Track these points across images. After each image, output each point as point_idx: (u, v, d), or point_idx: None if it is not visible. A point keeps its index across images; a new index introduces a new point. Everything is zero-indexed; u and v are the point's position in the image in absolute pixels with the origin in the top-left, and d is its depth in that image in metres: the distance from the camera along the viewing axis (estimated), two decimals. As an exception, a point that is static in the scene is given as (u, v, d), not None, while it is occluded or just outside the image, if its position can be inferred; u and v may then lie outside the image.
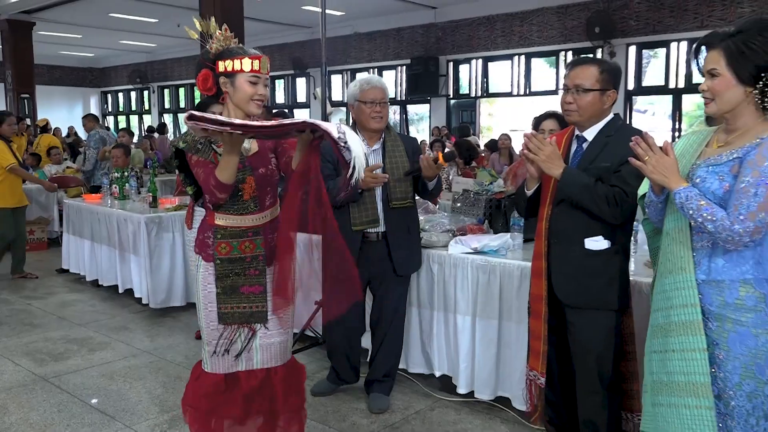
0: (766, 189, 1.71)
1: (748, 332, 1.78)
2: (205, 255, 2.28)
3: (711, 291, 1.83)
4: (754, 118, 1.82)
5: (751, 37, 1.76)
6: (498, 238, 3.30)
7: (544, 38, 11.33)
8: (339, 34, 13.52)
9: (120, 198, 5.72)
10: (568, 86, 2.39)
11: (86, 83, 21.63)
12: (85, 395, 3.49)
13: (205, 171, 2.16)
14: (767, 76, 1.75)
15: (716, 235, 1.77)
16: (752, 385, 1.79)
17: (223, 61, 2.20)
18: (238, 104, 2.21)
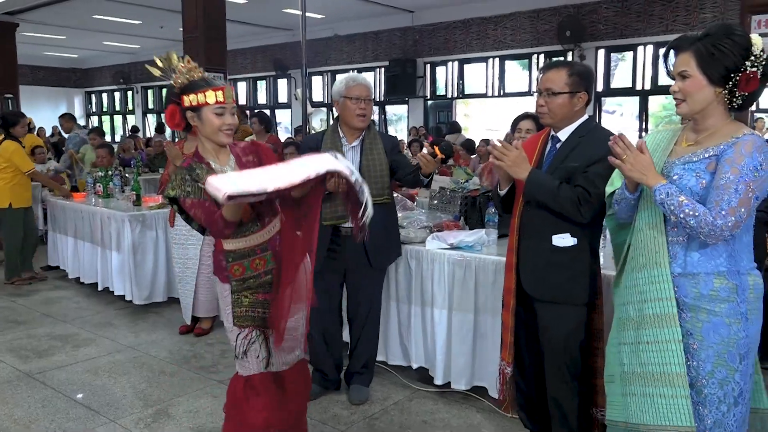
0: (745, 186, 1.79)
1: (721, 322, 1.87)
2: (222, 277, 2.36)
3: (686, 283, 1.91)
4: (723, 119, 1.91)
5: (720, 40, 1.84)
6: (473, 234, 3.40)
7: (518, 41, 11.58)
8: (319, 36, 13.63)
9: (104, 196, 5.76)
10: (541, 90, 2.47)
11: (70, 84, 21.50)
12: (69, 391, 3.54)
13: (204, 211, 2.19)
14: (735, 76, 1.84)
15: (698, 230, 1.82)
16: (724, 373, 1.87)
17: (187, 95, 2.22)
18: (208, 136, 2.26)
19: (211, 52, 7.85)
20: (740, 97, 1.87)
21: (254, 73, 16.25)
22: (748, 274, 1.90)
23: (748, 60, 1.83)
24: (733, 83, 1.84)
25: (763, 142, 1.83)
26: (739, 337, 1.87)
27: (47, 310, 5.09)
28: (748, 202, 1.80)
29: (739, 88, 1.85)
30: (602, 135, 2.42)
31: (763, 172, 1.81)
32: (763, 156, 1.82)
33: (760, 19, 4.49)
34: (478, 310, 3.25)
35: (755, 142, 1.83)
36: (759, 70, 1.83)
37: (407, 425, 3.12)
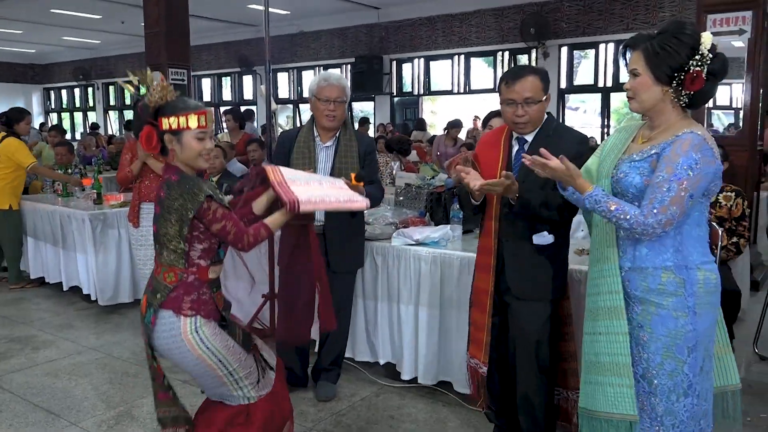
0: (677, 184, 1.82)
1: (669, 315, 1.91)
2: (206, 312, 2.14)
3: (636, 277, 1.96)
4: (675, 115, 1.93)
5: (666, 39, 1.86)
6: (439, 230, 3.42)
7: (483, 39, 11.72)
8: (285, 32, 13.55)
9: (63, 195, 5.63)
10: (516, 100, 2.41)
11: (28, 80, 20.92)
12: (29, 394, 3.46)
13: (231, 222, 2.10)
14: (679, 76, 1.87)
15: (632, 231, 1.89)
16: (672, 365, 1.92)
17: (166, 117, 2.08)
18: (187, 161, 2.13)
19: (173, 47, 7.71)
20: (686, 95, 1.89)
21: (219, 70, 16.06)
22: (697, 268, 1.92)
23: (694, 59, 1.84)
24: (678, 82, 1.87)
25: (701, 141, 1.84)
26: (687, 330, 1.90)
27: (5, 312, 4.96)
28: (680, 200, 1.82)
29: (684, 87, 1.87)
30: (567, 132, 2.47)
31: (697, 170, 1.83)
32: (700, 154, 1.83)
33: (715, 18, 4.60)
34: (444, 306, 3.28)
35: (692, 141, 1.84)
36: (704, 69, 1.84)
37: (374, 420, 3.13)
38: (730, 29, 4.66)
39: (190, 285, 2.13)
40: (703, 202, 1.94)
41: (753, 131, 4.77)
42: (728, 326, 3.85)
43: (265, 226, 2.18)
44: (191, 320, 2.11)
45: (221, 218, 2.08)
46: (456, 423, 3.11)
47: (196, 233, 2.12)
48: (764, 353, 3.92)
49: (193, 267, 2.14)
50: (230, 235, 2.10)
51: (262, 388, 2.29)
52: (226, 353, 2.16)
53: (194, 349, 2.11)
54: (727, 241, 3.98)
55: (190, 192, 2.06)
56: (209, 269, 2.17)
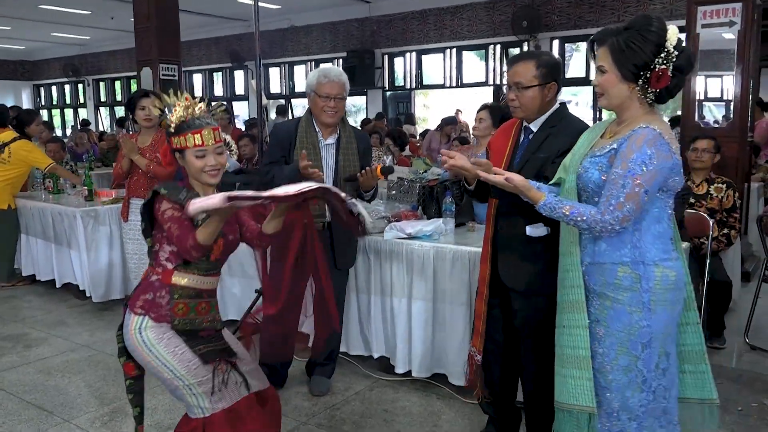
0: (631, 180, 1.80)
1: (624, 310, 1.91)
2: (156, 315, 2.12)
3: (595, 272, 1.97)
4: (641, 111, 1.90)
5: (632, 36, 1.83)
6: (431, 223, 3.43)
7: (474, 32, 11.69)
8: (275, 27, 13.48)
9: (54, 192, 5.60)
10: (509, 84, 2.45)
11: (17, 76, 20.73)
12: (21, 392, 3.45)
13: (180, 227, 2.07)
14: (645, 74, 1.83)
15: (591, 230, 1.90)
16: (627, 360, 1.93)
17: (175, 137, 2.18)
18: (193, 177, 2.20)
19: (164, 43, 7.66)
20: (653, 93, 1.87)
21: (210, 65, 15.97)
22: (654, 265, 1.90)
23: (659, 57, 1.81)
24: (643, 80, 1.84)
25: (655, 135, 1.82)
26: (641, 326, 1.90)
27: (-4, 310, 4.94)
28: (635, 196, 1.81)
29: (650, 85, 1.85)
30: (572, 125, 2.42)
31: (651, 166, 1.81)
32: (654, 149, 1.81)
33: (705, 9, 4.61)
34: (437, 299, 3.28)
35: (646, 136, 1.82)
36: (669, 66, 1.82)
37: (369, 414, 3.14)
38: (720, 21, 4.67)
39: (150, 284, 2.15)
40: (662, 198, 1.92)
41: (743, 123, 4.79)
42: (719, 316, 3.94)
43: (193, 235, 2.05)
44: (138, 319, 2.12)
45: (168, 219, 2.07)
46: (450, 415, 3.13)
47: (161, 234, 2.14)
48: (755, 343, 3.95)
49: (158, 267, 2.16)
50: (173, 237, 2.07)
51: (218, 400, 2.18)
52: (171, 359, 2.12)
53: (140, 349, 2.12)
54: (718, 233, 4.00)
55: (156, 187, 2.13)
56: (174, 273, 2.14)
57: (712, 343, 3.94)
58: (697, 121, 5.07)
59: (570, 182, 2.04)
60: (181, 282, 2.15)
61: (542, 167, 2.37)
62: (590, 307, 2.00)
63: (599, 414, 1.99)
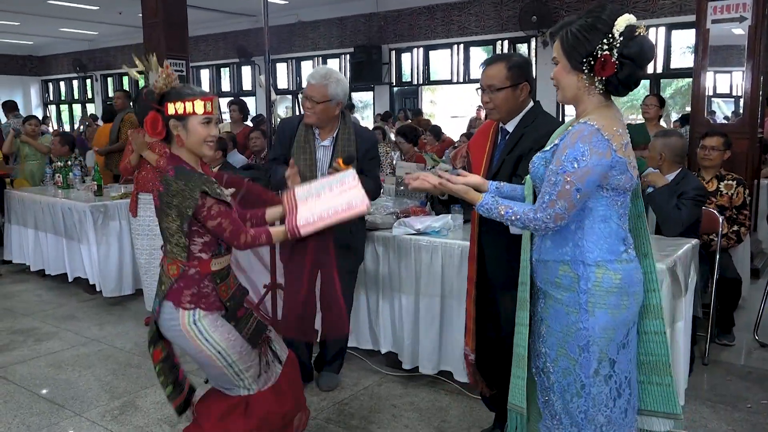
0: (563, 178, 1.75)
1: (562, 309, 1.86)
2: (207, 305, 2.15)
3: (541, 269, 1.93)
4: (595, 104, 1.83)
5: (582, 25, 1.77)
6: (439, 219, 3.43)
7: (482, 27, 11.65)
8: (283, 22, 13.48)
9: (64, 187, 5.63)
10: (483, 87, 2.47)
11: (26, 72, 20.82)
12: (32, 385, 3.48)
13: (227, 219, 2.09)
14: (588, 62, 1.76)
15: (526, 228, 1.88)
16: (565, 362, 1.87)
17: (172, 102, 2.09)
18: (192, 148, 2.14)
19: (171, 38, 7.67)
20: (599, 81, 1.79)
21: (217, 60, 15.99)
22: (596, 265, 1.81)
23: (602, 43, 1.74)
24: (588, 68, 1.77)
25: (591, 131, 1.74)
26: (578, 327, 1.83)
27: (7, 304, 4.98)
28: (567, 194, 1.75)
29: (596, 73, 1.77)
30: (545, 122, 2.44)
31: (584, 162, 1.73)
32: (588, 146, 1.73)
33: (715, 5, 4.58)
34: (445, 295, 3.29)
35: (581, 132, 1.75)
36: (613, 53, 1.73)
37: (377, 409, 3.15)
38: (731, 16, 4.64)
39: (191, 278, 2.14)
40: (608, 197, 1.82)
41: (753, 119, 4.76)
42: (729, 313, 3.93)
43: (268, 234, 2.19)
44: (190, 313, 2.13)
45: (216, 215, 2.08)
46: (457, 411, 3.13)
47: (195, 228, 2.12)
48: (764, 340, 3.94)
49: (194, 260, 2.15)
50: (226, 232, 2.10)
51: (264, 381, 2.30)
52: (225, 346, 2.17)
53: (194, 340, 2.15)
54: (728, 230, 3.99)
55: (186, 189, 2.06)
56: (211, 261, 2.16)
57: (722, 340, 3.93)
58: (707, 117, 5.04)
59: (528, 180, 2.02)
60: (217, 268, 2.19)
61: (516, 166, 2.41)
62: (537, 305, 1.97)
63: (544, 415, 1.98)
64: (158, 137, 2.16)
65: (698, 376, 3.48)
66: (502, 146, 2.51)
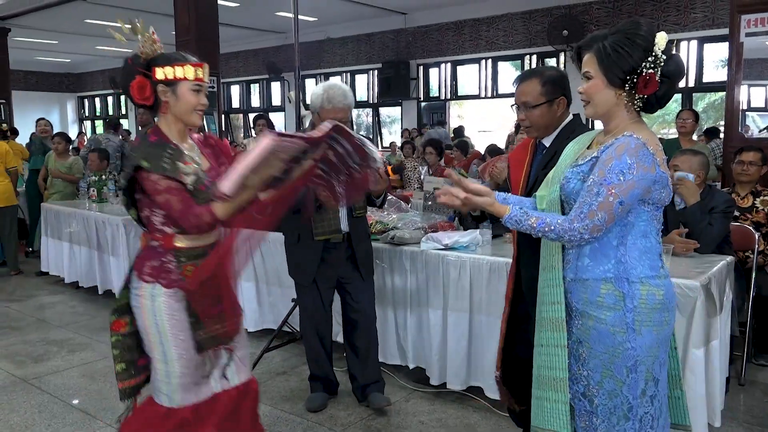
0: (606, 189, 1.71)
1: (606, 330, 1.79)
2: (167, 281, 2.04)
3: (578, 288, 1.86)
4: (627, 120, 1.81)
5: (619, 40, 1.75)
6: (468, 234, 3.42)
7: (510, 42, 11.66)
8: (312, 39, 13.66)
9: (98, 201, 5.76)
10: (518, 104, 2.42)
11: (63, 88, 21.45)
12: (65, 395, 3.53)
13: (180, 199, 1.95)
14: (632, 79, 1.74)
15: (560, 239, 1.79)
16: (612, 384, 1.81)
17: (161, 67, 2.01)
18: (180, 115, 2.05)
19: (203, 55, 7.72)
20: (640, 99, 1.78)
21: (247, 77, 16.25)
22: (640, 282, 1.78)
23: (647, 61, 1.72)
24: (630, 85, 1.75)
25: (638, 145, 1.72)
26: (625, 348, 1.78)
27: (42, 315, 5.08)
28: (609, 206, 1.72)
29: (637, 91, 1.76)
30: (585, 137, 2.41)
31: (630, 176, 1.71)
32: (635, 159, 1.71)
33: (749, 18, 4.52)
34: (473, 311, 3.27)
35: (628, 144, 1.73)
36: (657, 71, 1.73)
37: (404, 426, 3.13)
38: (765, 29, 4.58)
39: (154, 250, 2.06)
40: (649, 211, 1.80)
41: (790, 133, 4.67)
42: (766, 332, 3.82)
43: (209, 210, 1.95)
44: (149, 286, 2.04)
45: (163, 190, 1.94)
46: (486, 428, 3.10)
47: (140, 197, 2.02)
48: (803, 360, 3.82)
49: (156, 233, 2.05)
50: (173, 211, 1.96)
51: (190, 396, 2.11)
52: (170, 338, 2.04)
53: (145, 316, 2.05)
54: (764, 246, 3.89)
55: (134, 156, 1.97)
56: (174, 237, 2.04)
57: (759, 360, 3.82)
58: (741, 131, 4.96)
59: (553, 194, 1.95)
60: (183, 245, 2.06)
61: None
62: (572, 327, 1.88)
63: None
64: (146, 103, 2.05)
65: (734, 396, 3.39)
66: (539, 160, 2.47)
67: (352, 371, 3.33)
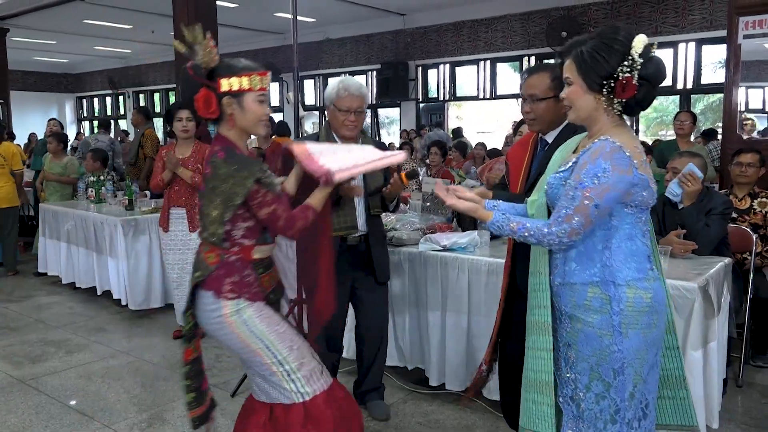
0: (581, 193, 1.73)
1: (594, 333, 1.81)
2: (251, 294, 2.01)
3: (566, 293, 1.87)
4: (609, 124, 1.82)
5: (596, 46, 1.77)
6: (466, 235, 3.42)
7: (509, 44, 11.66)
8: (311, 40, 13.67)
9: (96, 201, 5.75)
10: (524, 96, 2.44)
11: (61, 89, 21.43)
12: (63, 396, 3.53)
13: (282, 207, 1.97)
14: (609, 84, 1.75)
15: (540, 244, 1.82)
16: (600, 387, 1.82)
17: (226, 78, 1.94)
18: (246, 127, 2.01)
19: (202, 56, 7.83)
20: (619, 103, 1.79)
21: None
22: (626, 285, 1.79)
23: (623, 65, 1.73)
24: (608, 90, 1.76)
25: (614, 148, 1.73)
26: (612, 350, 1.79)
27: (40, 315, 5.08)
28: (584, 209, 1.73)
29: (615, 95, 1.76)
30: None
31: (605, 179, 1.72)
32: (610, 162, 1.73)
33: (747, 20, 4.53)
34: (472, 312, 3.27)
35: (603, 148, 1.74)
36: (634, 75, 1.74)
37: (402, 426, 3.13)
38: (763, 31, 4.59)
39: (232, 266, 2.00)
40: (632, 214, 1.81)
41: (788, 135, 4.67)
42: (764, 334, 3.83)
43: (310, 208, 2.03)
44: (233, 303, 1.99)
45: (271, 203, 1.94)
46: (484, 429, 3.10)
47: (240, 212, 1.98)
48: (801, 362, 3.83)
49: (235, 247, 2.01)
50: (280, 221, 1.95)
51: (318, 383, 2.08)
52: (273, 338, 2.01)
53: (237, 332, 1.99)
54: (762, 248, 3.90)
55: (238, 175, 1.90)
56: (254, 249, 2.03)
57: (756, 362, 3.83)
58: (738, 133, 4.96)
59: (540, 199, 1.98)
60: (259, 256, 2.05)
61: None
62: (562, 330, 1.91)
63: None
64: (212, 117, 1.99)
65: (732, 398, 3.39)
66: (541, 157, 2.47)
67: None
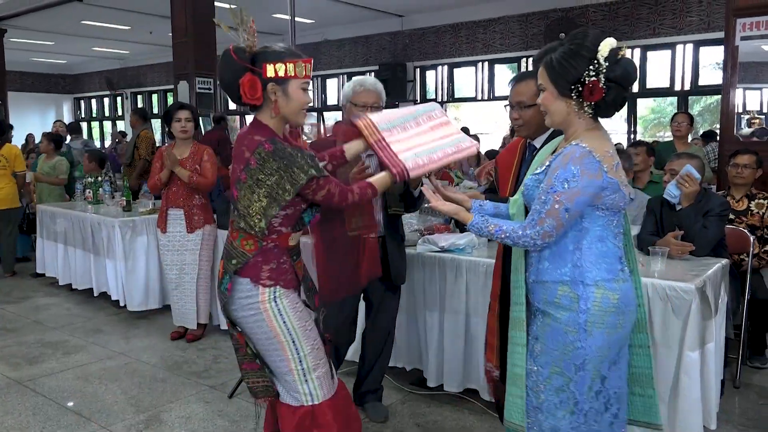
0: (553, 197, 1.79)
1: (560, 328, 1.87)
2: (285, 282, 2.01)
3: (538, 290, 1.94)
4: (582, 127, 1.87)
5: (565, 51, 1.82)
6: (464, 236, 3.41)
7: (507, 45, 11.67)
8: (309, 41, 13.67)
9: (93, 202, 5.74)
10: (512, 103, 2.47)
11: (59, 90, 21.38)
12: (60, 398, 3.52)
13: (332, 184, 1.98)
14: (576, 88, 1.80)
15: (516, 245, 1.90)
16: (560, 381, 1.89)
17: (272, 64, 1.90)
18: (289, 115, 1.98)
19: (200, 57, 7.85)
20: (589, 106, 1.82)
21: (244, 78, 16.22)
22: (595, 285, 1.85)
23: (588, 69, 1.78)
24: (577, 94, 1.81)
25: (583, 153, 1.79)
26: (575, 347, 1.86)
27: (37, 317, 5.07)
28: (555, 213, 1.79)
29: (584, 98, 1.81)
30: None
31: (574, 183, 1.77)
32: (579, 167, 1.78)
33: (744, 22, 4.54)
34: (470, 313, 3.27)
35: (573, 153, 1.80)
36: (600, 78, 1.78)
37: (400, 428, 3.13)
38: (761, 33, 4.59)
39: (270, 252, 1.99)
40: (604, 216, 1.86)
41: (785, 137, 4.68)
42: (761, 335, 3.83)
43: (372, 186, 2.05)
44: (270, 290, 1.98)
45: (324, 185, 1.95)
46: (482, 431, 3.10)
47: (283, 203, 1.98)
48: (798, 363, 3.83)
49: (273, 234, 1.99)
50: (335, 197, 1.97)
51: (328, 387, 2.09)
52: (300, 334, 2.02)
53: (270, 321, 1.99)
54: (759, 250, 3.91)
55: (288, 170, 1.89)
56: (290, 236, 2.02)
57: (753, 363, 3.84)
58: (736, 135, 4.97)
59: (519, 199, 2.05)
60: (293, 243, 2.05)
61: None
62: (533, 325, 1.98)
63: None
64: (255, 103, 1.95)
65: (729, 399, 3.40)
66: (529, 162, 2.47)
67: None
